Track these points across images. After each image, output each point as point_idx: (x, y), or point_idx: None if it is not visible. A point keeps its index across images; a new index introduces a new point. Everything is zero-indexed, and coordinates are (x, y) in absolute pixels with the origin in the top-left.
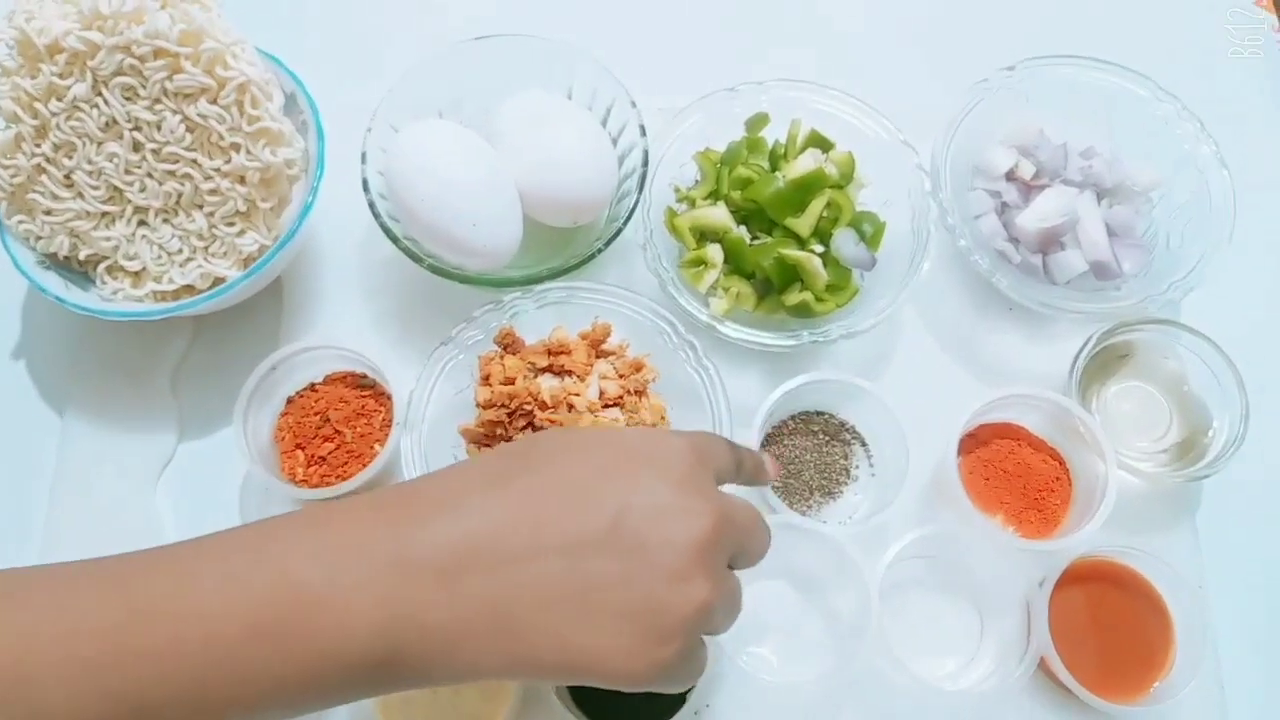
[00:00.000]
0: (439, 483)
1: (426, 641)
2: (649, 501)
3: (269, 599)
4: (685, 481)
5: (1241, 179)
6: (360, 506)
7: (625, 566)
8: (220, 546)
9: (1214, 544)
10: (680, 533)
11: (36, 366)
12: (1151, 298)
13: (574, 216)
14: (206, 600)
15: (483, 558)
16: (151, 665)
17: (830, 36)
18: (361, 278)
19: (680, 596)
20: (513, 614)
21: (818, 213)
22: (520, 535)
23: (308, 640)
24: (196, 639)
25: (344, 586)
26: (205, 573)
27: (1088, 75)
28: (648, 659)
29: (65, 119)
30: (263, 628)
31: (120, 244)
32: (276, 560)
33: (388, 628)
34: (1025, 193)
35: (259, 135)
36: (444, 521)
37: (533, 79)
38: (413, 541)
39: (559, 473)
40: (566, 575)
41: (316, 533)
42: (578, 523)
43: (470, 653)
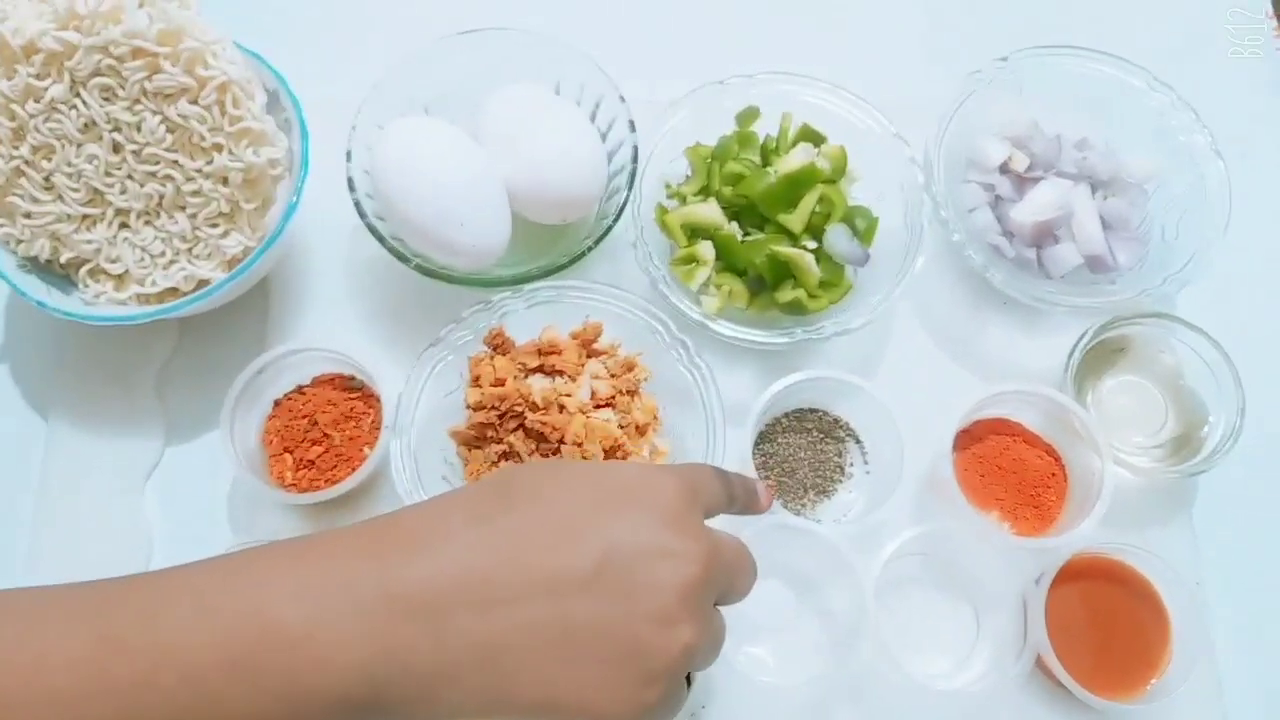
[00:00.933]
0: (422, 517)
1: (409, 682)
2: (636, 542)
3: (245, 634)
4: (674, 521)
5: (1237, 170)
6: (341, 540)
7: (611, 609)
8: (196, 578)
9: (1211, 540)
10: (668, 576)
11: (20, 371)
12: (1147, 291)
13: (563, 214)
14: (181, 634)
15: (468, 597)
16: (124, 699)
17: (821, 28)
18: (348, 278)
19: (666, 640)
20: (498, 656)
21: (810, 208)
22: (505, 575)
23: (286, 677)
24: (171, 673)
25: (325, 624)
26: (180, 604)
27: (1082, 66)
28: (632, 701)
29: (43, 121)
30: (240, 663)
31: (102, 247)
32: (254, 594)
33: (370, 667)
34: (1019, 186)
35: (241, 135)
36: (428, 559)
37: (520, 74)
38: (396, 579)
39: (544, 510)
40: (552, 617)
41: (296, 567)
42: (563, 563)
43: (454, 693)
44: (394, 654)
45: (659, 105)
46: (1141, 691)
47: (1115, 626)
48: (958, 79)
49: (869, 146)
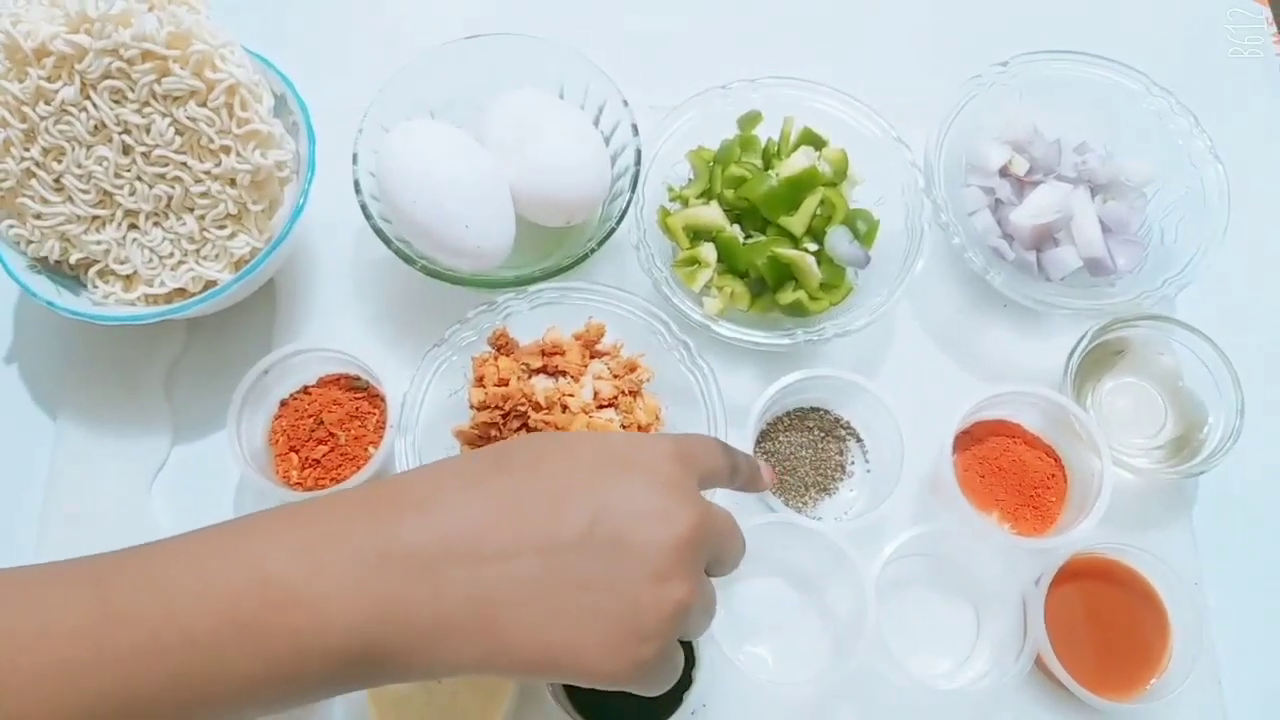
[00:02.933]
0: (420, 479)
1: (407, 636)
2: (629, 503)
3: (246, 595)
4: (667, 484)
5: (1235, 173)
6: (339, 502)
7: (604, 567)
8: (196, 544)
9: (1210, 540)
10: (660, 535)
11: (29, 371)
12: (1146, 294)
13: (567, 216)
14: (181, 599)
15: (463, 554)
16: (130, 666)
17: (823, 34)
18: (354, 280)
19: (658, 597)
20: (493, 610)
21: (811, 211)
22: (500, 533)
23: (288, 637)
24: (173, 638)
25: (323, 581)
26: (181, 571)
27: (1081, 71)
28: (625, 658)
29: (54, 123)
30: (241, 624)
31: (111, 248)
32: (254, 557)
33: (368, 622)
34: (1019, 189)
35: (249, 137)
36: (424, 517)
37: (524, 78)
38: (393, 536)
39: (540, 474)
40: (545, 574)
41: (294, 528)
42: (557, 523)
43: (450, 648)
44: (392, 609)
45: (662, 109)
46: (1141, 691)
47: (1115, 626)
48: (958, 83)
49: (870, 150)
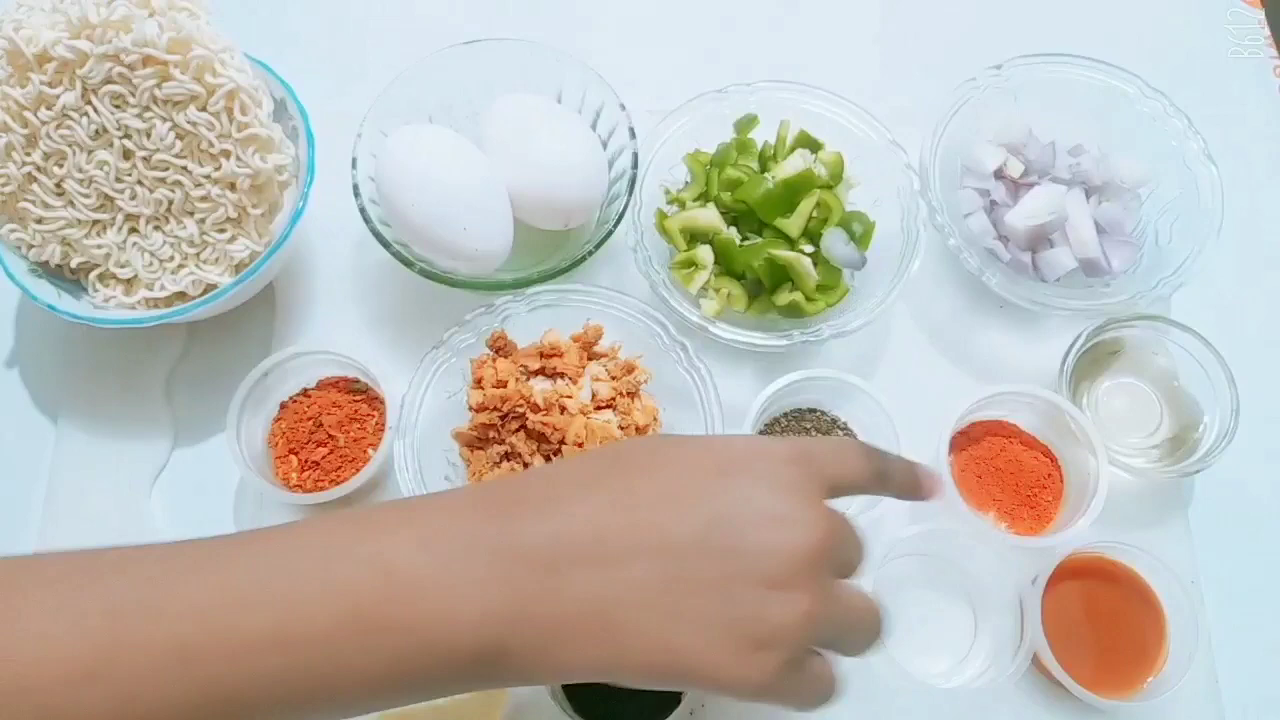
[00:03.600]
0: (537, 480)
1: (531, 635)
2: (746, 508)
3: (371, 588)
4: (786, 489)
5: (1229, 174)
6: (461, 500)
7: (720, 570)
8: (315, 534)
9: (1206, 539)
10: (778, 541)
11: (30, 374)
12: (1141, 294)
13: (565, 219)
14: (306, 588)
15: (584, 556)
16: (248, 653)
17: (818, 38)
18: (353, 282)
19: (777, 605)
20: (613, 613)
21: (807, 213)
22: (620, 536)
23: (411, 631)
24: (296, 627)
25: (449, 579)
26: (303, 560)
27: (1075, 73)
28: (746, 666)
29: (55, 128)
30: (365, 617)
31: (112, 251)
32: (375, 550)
33: (493, 623)
34: (1014, 191)
35: (249, 142)
36: (545, 518)
37: (522, 83)
38: (515, 536)
39: (656, 477)
40: (664, 578)
41: (413, 524)
42: (674, 525)
43: (572, 649)
44: (516, 609)
45: (659, 113)
46: (1138, 689)
47: (1112, 625)
48: (953, 86)
49: (865, 153)
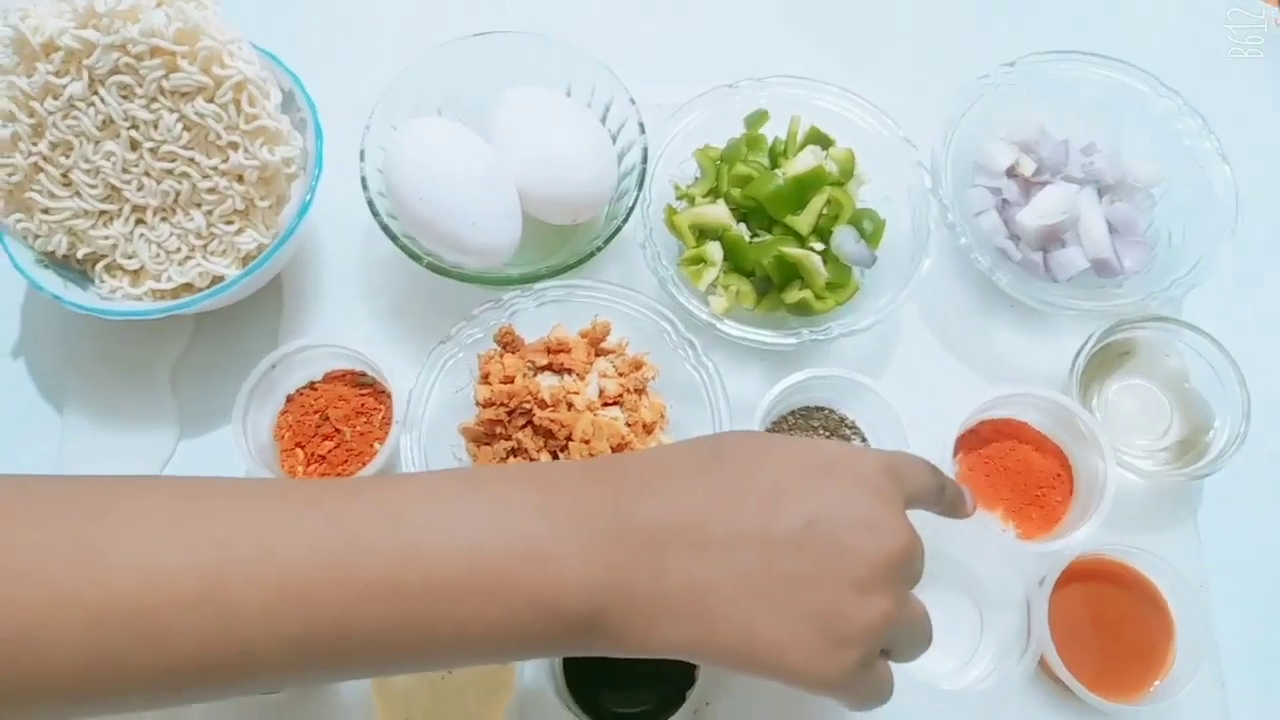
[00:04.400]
0: (644, 463)
1: (630, 610)
2: (842, 510)
3: (490, 543)
4: (878, 497)
5: (1243, 174)
6: (568, 471)
7: (815, 569)
8: (434, 489)
9: (1215, 543)
10: (870, 545)
11: (36, 365)
12: (1153, 295)
13: (573, 214)
14: (426, 537)
15: (687, 539)
16: (361, 597)
17: (830, 34)
18: (361, 276)
19: (862, 606)
20: (708, 597)
21: (818, 210)
22: (720, 523)
23: (524, 589)
24: (412, 574)
25: (565, 545)
26: (424, 509)
27: (1088, 71)
28: (826, 661)
29: (62, 118)
30: (481, 570)
31: (118, 242)
32: (494, 509)
33: (599, 591)
34: (1026, 189)
35: (256, 134)
36: (653, 499)
37: (531, 76)
38: (625, 512)
39: (757, 472)
40: (759, 568)
41: (528, 489)
42: (773, 519)
43: (665, 628)
44: (620, 580)
45: (669, 108)
46: (1145, 693)
47: (1119, 628)
48: (965, 84)
49: (877, 150)
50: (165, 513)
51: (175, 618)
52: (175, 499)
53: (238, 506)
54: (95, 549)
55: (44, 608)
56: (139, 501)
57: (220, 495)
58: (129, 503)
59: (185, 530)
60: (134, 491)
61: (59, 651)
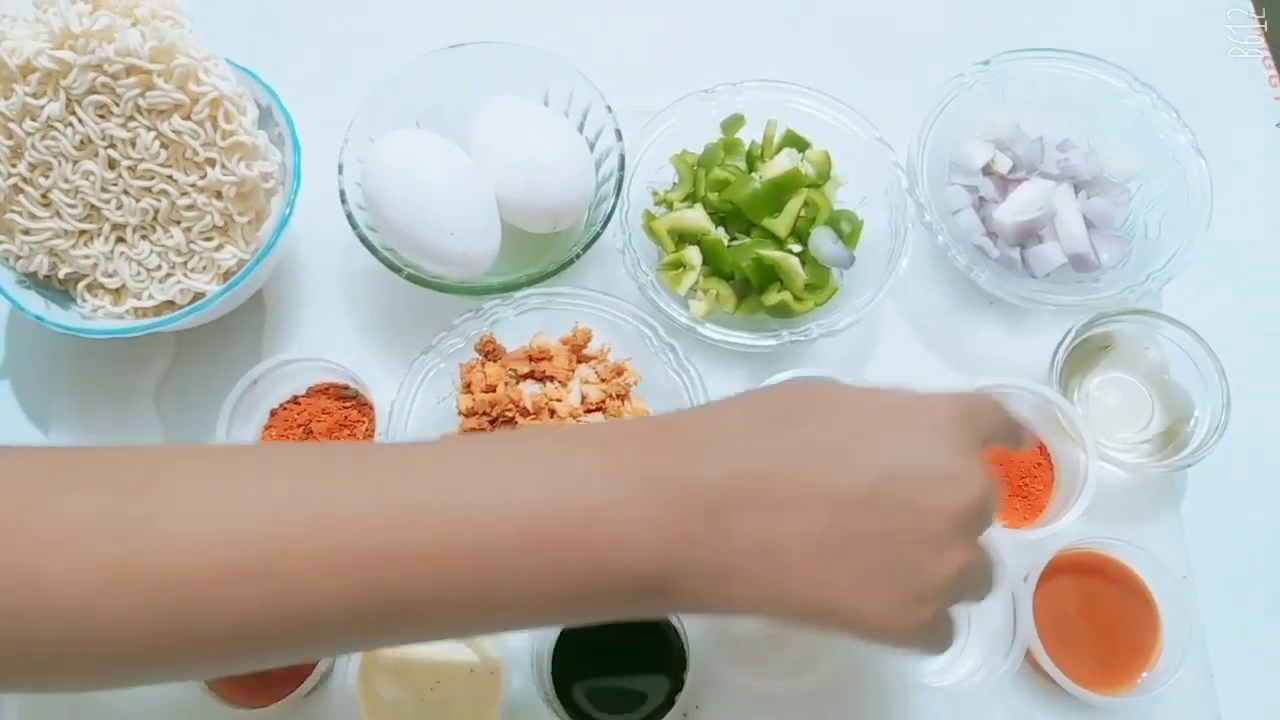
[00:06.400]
0: (704, 421)
1: (698, 573)
2: (915, 464)
3: (545, 508)
4: (950, 445)
5: (1217, 167)
6: (630, 433)
7: (887, 526)
8: (488, 451)
9: (1199, 533)
10: (946, 499)
11: (19, 385)
12: (1131, 288)
13: (552, 222)
14: (478, 502)
15: (753, 500)
16: (417, 564)
17: (804, 37)
18: (342, 289)
19: (939, 562)
20: (778, 556)
21: (795, 212)
22: (787, 484)
23: (582, 554)
24: (465, 542)
25: (624, 506)
26: (474, 475)
27: (1062, 68)
28: (904, 617)
29: (40, 138)
30: (536, 536)
31: (99, 261)
32: (548, 472)
33: (663, 554)
34: (1002, 187)
35: (233, 150)
36: (715, 458)
37: (508, 86)
38: (690, 475)
39: (825, 425)
40: (830, 526)
41: (598, 452)
42: (843, 477)
43: (735, 588)
44: (685, 543)
45: (645, 114)
46: (1132, 685)
47: (1105, 621)
48: (940, 83)
49: (853, 151)
50: (214, 480)
51: (232, 587)
52: (222, 465)
53: (287, 472)
54: (146, 519)
55: (99, 580)
56: (186, 467)
57: (270, 461)
58: (176, 469)
59: (236, 498)
60: (180, 459)
61: (116, 623)
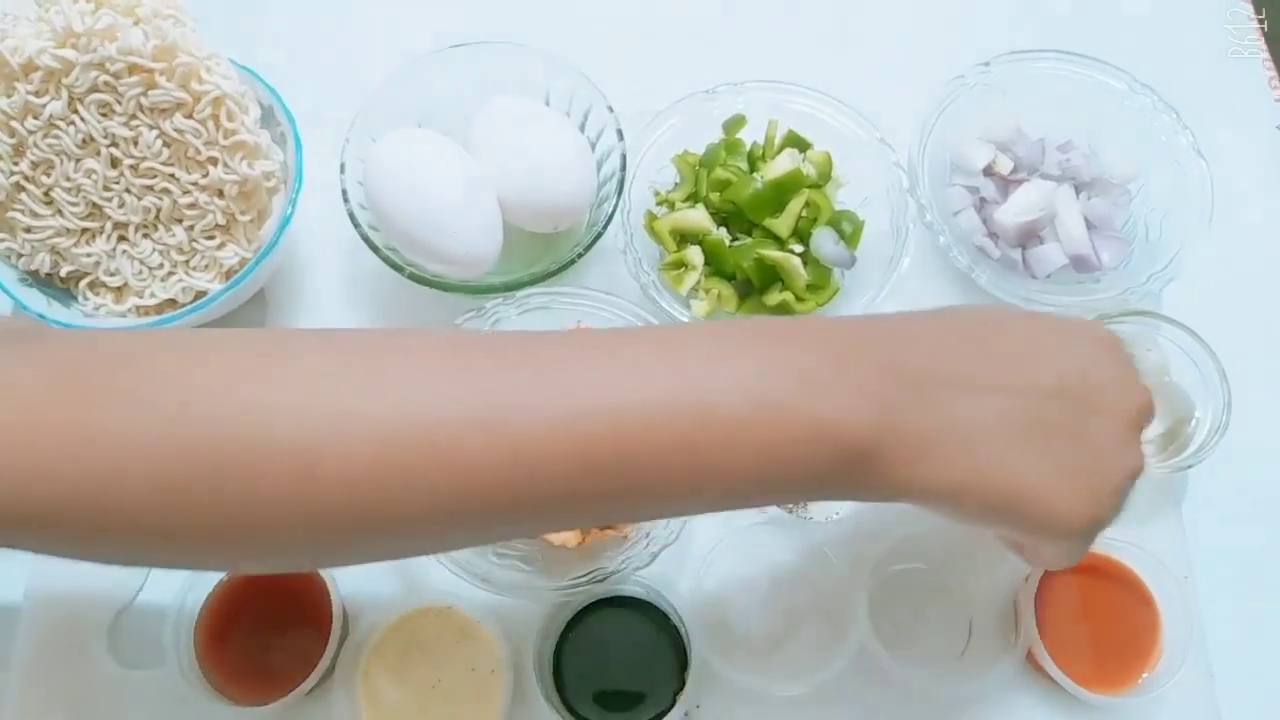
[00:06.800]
0: (898, 321)
1: (901, 446)
2: (1098, 369)
3: (771, 376)
4: (1120, 358)
5: (1218, 167)
6: (837, 321)
7: (1077, 421)
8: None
9: (1200, 533)
10: (1125, 402)
11: None
12: (1131, 289)
13: (554, 222)
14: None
15: (953, 381)
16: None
17: (806, 37)
18: (344, 288)
19: (1120, 460)
20: (976, 436)
21: (796, 212)
22: (987, 375)
23: (805, 419)
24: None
25: (843, 377)
26: (697, 348)
27: (1063, 69)
28: (1085, 510)
29: (42, 137)
30: (763, 403)
31: (101, 260)
32: (774, 346)
33: (875, 422)
34: (1003, 188)
35: (236, 149)
36: (917, 347)
37: (510, 85)
38: (897, 358)
39: (1012, 335)
40: (1025, 414)
41: (805, 329)
42: (1036, 371)
43: (933, 464)
44: (893, 416)
45: (647, 114)
46: (1133, 685)
47: (1106, 621)
48: (941, 84)
49: (854, 152)
50: (437, 349)
51: (459, 434)
52: (441, 341)
53: (507, 347)
54: (378, 372)
55: (334, 420)
56: (404, 342)
57: (488, 339)
58: (391, 343)
59: (461, 365)
60: (396, 338)
61: (353, 466)
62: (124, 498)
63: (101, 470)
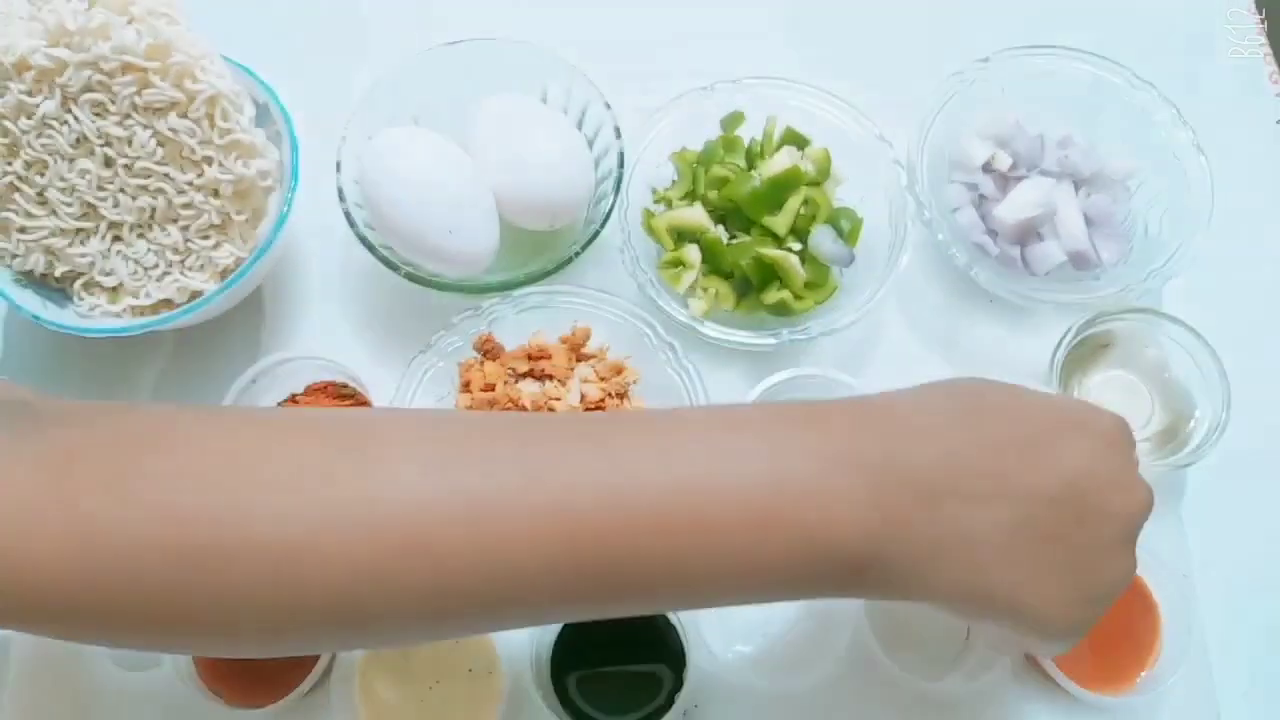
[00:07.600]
0: (906, 405)
1: (905, 554)
2: (1101, 470)
3: (759, 481)
4: (1122, 456)
5: (1219, 164)
6: (841, 413)
7: (1074, 526)
8: (697, 425)
9: (1199, 531)
10: (1125, 506)
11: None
12: (1131, 286)
13: (551, 220)
14: (697, 475)
15: (958, 488)
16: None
17: (804, 33)
18: (340, 287)
19: (1113, 566)
20: (978, 547)
21: (795, 210)
22: (984, 477)
23: (800, 530)
24: (683, 515)
25: (841, 485)
26: (691, 448)
27: (1062, 65)
28: (1076, 616)
29: (36, 137)
30: (758, 510)
31: (96, 260)
32: (763, 446)
33: (873, 532)
34: (1002, 184)
35: (231, 148)
36: (922, 445)
37: (506, 83)
38: (895, 455)
39: (1014, 425)
40: (1025, 523)
41: (808, 428)
42: (1036, 476)
43: (938, 574)
44: (894, 524)
45: (645, 112)
46: (1131, 684)
47: (1105, 620)
48: (939, 80)
49: (853, 149)
50: (424, 440)
51: (446, 534)
52: (429, 429)
53: (497, 437)
54: (362, 466)
55: (315, 519)
56: (396, 429)
57: (478, 428)
58: (387, 430)
59: (448, 458)
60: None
61: (333, 566)
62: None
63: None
